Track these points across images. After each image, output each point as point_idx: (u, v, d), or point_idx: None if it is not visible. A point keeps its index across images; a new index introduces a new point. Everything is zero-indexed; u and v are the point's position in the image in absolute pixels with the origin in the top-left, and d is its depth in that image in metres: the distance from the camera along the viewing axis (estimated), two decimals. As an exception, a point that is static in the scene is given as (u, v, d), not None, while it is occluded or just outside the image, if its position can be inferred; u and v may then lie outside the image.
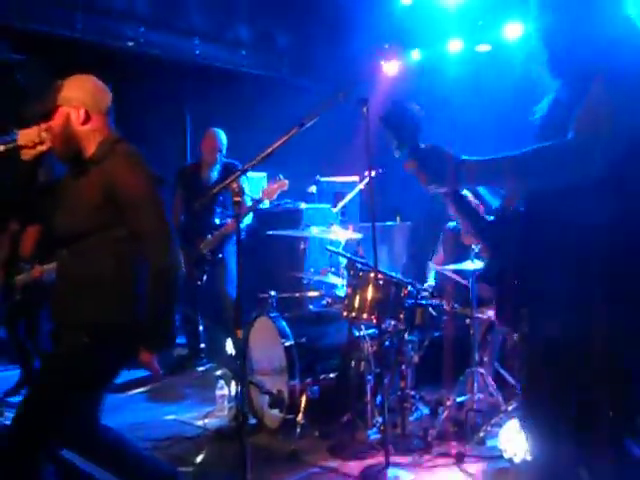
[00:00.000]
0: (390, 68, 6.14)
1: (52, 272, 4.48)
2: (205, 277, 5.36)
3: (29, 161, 2.53)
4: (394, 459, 3.42)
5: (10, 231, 4.78)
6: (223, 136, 5.61)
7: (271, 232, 5.02)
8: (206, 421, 4.14)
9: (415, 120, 1.86)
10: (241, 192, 2.45)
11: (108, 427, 2.64)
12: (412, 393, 3.97)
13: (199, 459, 3.58)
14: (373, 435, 3.80)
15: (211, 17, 6.76)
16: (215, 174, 5.53)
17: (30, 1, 5.43)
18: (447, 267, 4.31)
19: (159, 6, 6.35)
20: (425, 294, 4.04)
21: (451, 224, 4.81)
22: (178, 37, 6.60)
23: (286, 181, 4.81)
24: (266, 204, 5.11)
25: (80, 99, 2.47)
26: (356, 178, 6.45)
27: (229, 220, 5.27)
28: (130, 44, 6.25)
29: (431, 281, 4.79)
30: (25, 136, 2.50)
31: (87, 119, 2.47)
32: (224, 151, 5.58)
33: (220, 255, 5.36)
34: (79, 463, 2.69)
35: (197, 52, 6.69)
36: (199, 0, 6.62)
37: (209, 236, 5.31)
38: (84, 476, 2.78)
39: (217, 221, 5.38)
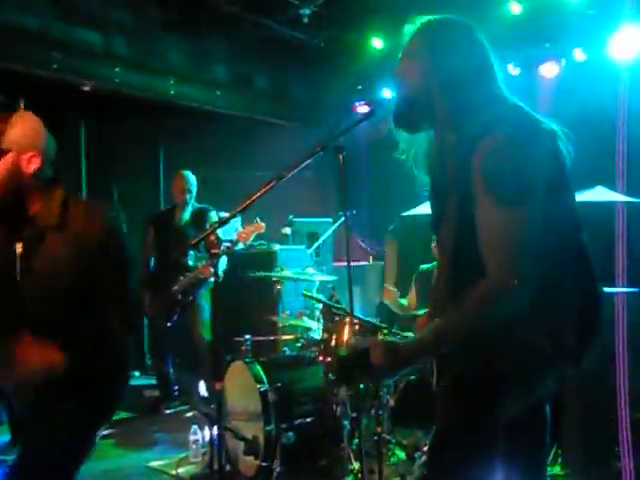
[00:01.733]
0: (362, 109, 6.27)
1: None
2: (176, 319, 5.32)
3: None
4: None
5: None
6: (192, 178, 5.66)
7: (247, 274, 5.02)
8: (180, 470, 4.07)
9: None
10: (219, 244, 2.46)
11: None
12: (388, 437, 3.95)
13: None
14: (349, 481, 3.77)
15: (187, 57, 6.83)
16: (187, 215, 5.56)
17: (6, 39, 5.42)
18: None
19: (135, 46, 6.40)
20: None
21: (425, 266, 4.85)
22: (154, 77, 6.64)
23: (262, 224, 4.84)
24: (240, 246, 5.12)
25: (33, 144, 2.18)
26: (330, 219, 6.51)
27: (203, 262, 5.26)
28: (106, 84, 6.26)
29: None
30: None
31: (40, 168, 2.19)
32: (194, 192, 5.62)
33: (191, 298, 5.34)
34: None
35: (172, 92, 6.72)
36: (175, 41, 6.67)
37: (181, 278, 5.29)
38: None
39: (190, 263, 5.37)
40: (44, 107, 2.61)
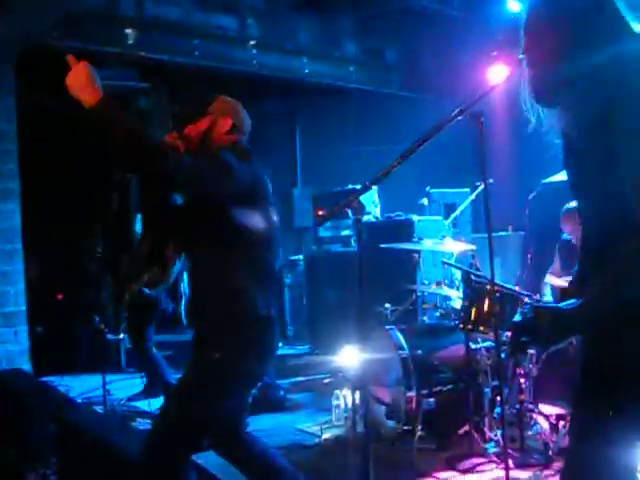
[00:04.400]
0: (499, 75, 6.07)
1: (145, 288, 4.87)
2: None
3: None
4: (513, 473, 3.37)
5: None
6: None
7: (384, 245, 5.08)
8: (324, 432, 4.24)
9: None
10: (362, 209, 2.50)
11: (254, 437, 2.75)
12: (531, 407, 3.90)
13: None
14: (491, 449, 3.76)
15: (318, 36, 6.94)
16: None
17: (153, 32, 5.78)
18: (561, 281, 4.22)
19: (269, 29, 6.59)
20: (543, 306, 3.96)
21: (566, 235, 4.71)
22: (288, 57, 6.81)
23: None
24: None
25: (230, 112, 2.69)
26: (467, 189, 6.42)
27: None
28: (243, 67, 6.51)
29: (548, 296, 4.69)
30: None
31: (231, 130, 2.65)
32: None
33: None
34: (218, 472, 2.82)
35: (306, 70, 6.87)
36: (306, 20, 6.80)
37: None
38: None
39: None
40: (187, 92, 2.83)
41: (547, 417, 3.96)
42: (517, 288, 4.03)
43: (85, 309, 5.74)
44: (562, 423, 3.79)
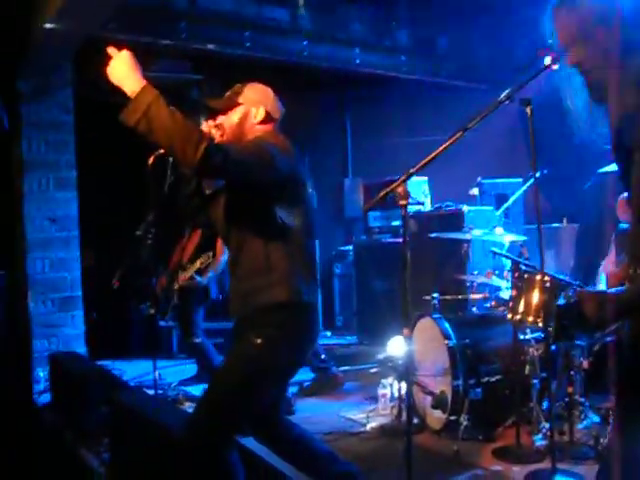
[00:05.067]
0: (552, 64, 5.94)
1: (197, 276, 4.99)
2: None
3: None
4: (561, 466, 3.33)
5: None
6: None
7: (433, 234, 5.05)
8: (370, 421, 4.26)
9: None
10: (407, 195, 2.49)
11: (292, 422, 2.78)
12: (581, 400, 3.83)
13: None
14: (539, 441, 3.72)
15: (370, 26, 6.91)
16: None
17: (206, 25, 5.86)
18: (615, 270, 4.12)
19: (320, 19, 6.60)
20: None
21: (623, 225, 4.59)
22: (339, 47, 6.81)
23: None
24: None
25: (262, 101, 2.65)
26: (519, 179, 6.32)
27: None
28: (294, 57, 6.54)
29: (603, 286, 4.58)
30: None
31: (264, 119, 2.64)
32: None
33: None
34: (261, 453, 2.86)
35: (357, 61, 6.86)
36: (357, 10, 6.77)
37: None
38: (266, 467, 2.96)
39: None
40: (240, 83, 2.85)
41: (598, 410, 3.90)
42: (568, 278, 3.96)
43: (137, 296, 5.89)
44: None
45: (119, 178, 6.44)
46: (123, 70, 2.24)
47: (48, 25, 4.38)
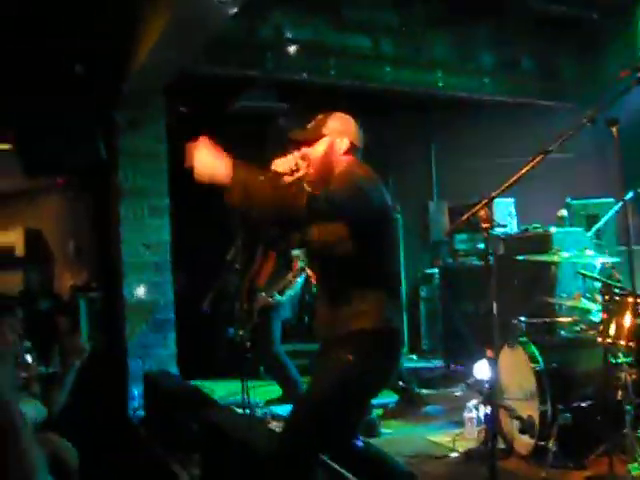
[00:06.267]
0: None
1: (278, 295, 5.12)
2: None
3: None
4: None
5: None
6: None
7: (520, 257, 4.96)
8: (456, 445, 4.21)
9: None
10: (490, 219, 2.51)
11: (367, 442, 2.82)
12: (679, 427, 3.66)
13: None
14: (635, 470, 3.56)
15: (453, 48, 6.92)
16: None
17: (291, 54, 6.03)
18: None
19: (402, 45, 6.67)
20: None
21: None
22: (422, 72, 6.85)
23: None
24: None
25: (346, 131, 2.71)
26: (612, 199, 6.13)
27: None
28: (377, 83, 6.62)
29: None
30: (282, 164, 2.67)
31: (348, 150, 2.69)
32: None
33: None
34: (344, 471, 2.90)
35: (440, 84, 6.87)
36: (440, 34, 6.79)
37: None
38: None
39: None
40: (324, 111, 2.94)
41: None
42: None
43: (225, 319, 6.06)
44: None
45: (210, 203, 6.67)
46: (209, 163, 2.35)
47: (144, 58, 4.65)
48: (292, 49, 5.93)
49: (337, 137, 2.68)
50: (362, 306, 2.55)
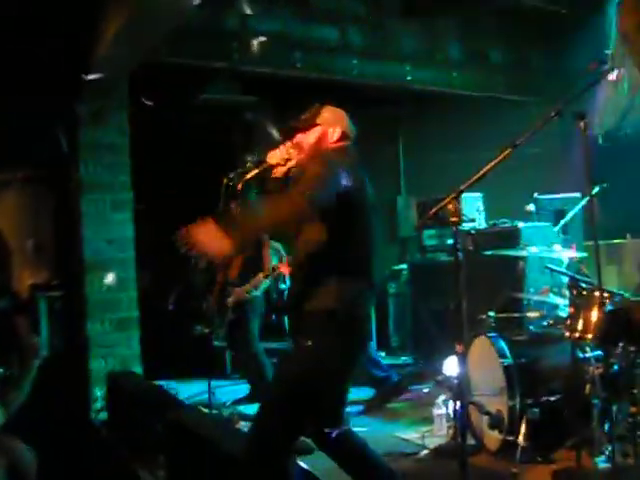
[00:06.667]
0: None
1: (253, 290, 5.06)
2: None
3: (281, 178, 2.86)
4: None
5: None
6: None
7: (488, 252, 4.95)
8: (425, 439, 4.18)
9: None
10: (459, 213, 2.52)
11: (353, 432, 2.83)
12: (646, 421, 3.66)
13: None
14: (601, 463, 3.57)
15: (421, 41, 6.87)
16: None
17: (256, 46, 5.93)
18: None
19: (370, 37, 6.60)
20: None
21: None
22: (390, 65, 6.79)
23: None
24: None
25: (338, 121, 2.87)
26: (578, 195, 6.15)
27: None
28: (344, 76, 6.55)
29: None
30: (275, 156, 2.87)
31: (340, 139, 2.81)
32: None
33: None
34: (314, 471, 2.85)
35: (408, 77, 6.83)
36: (408, 26, 6.74)
37: None
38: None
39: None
40: (294, 106, 2.95)
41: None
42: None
43: (191, 317, 5.96)
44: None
45: (174, 199, 6.55)
46: (212, 245, 2.45)
47: (106, 48, 4.52)
48: (258, 41, 5.82)
49: (330, 127, 2.83)
50: (325, 288, 2.60)
